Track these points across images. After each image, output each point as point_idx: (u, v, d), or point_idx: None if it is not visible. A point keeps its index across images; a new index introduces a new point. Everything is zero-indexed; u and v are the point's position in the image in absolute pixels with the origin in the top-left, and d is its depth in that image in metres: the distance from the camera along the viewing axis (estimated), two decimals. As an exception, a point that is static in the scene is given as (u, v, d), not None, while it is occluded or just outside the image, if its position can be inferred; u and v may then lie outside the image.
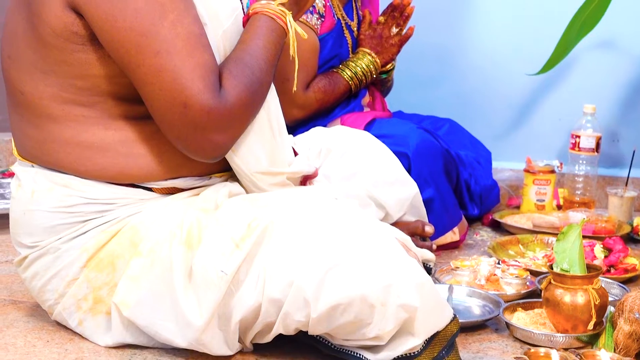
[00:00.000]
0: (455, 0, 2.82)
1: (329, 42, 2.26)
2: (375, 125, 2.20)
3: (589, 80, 2.72)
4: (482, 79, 2.82)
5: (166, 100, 1.26)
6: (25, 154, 1.41)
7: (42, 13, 1.29)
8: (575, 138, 2.55)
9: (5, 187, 2.46)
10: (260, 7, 1.40)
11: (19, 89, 1.36)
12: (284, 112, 1.49)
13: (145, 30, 1.24)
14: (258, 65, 1.35)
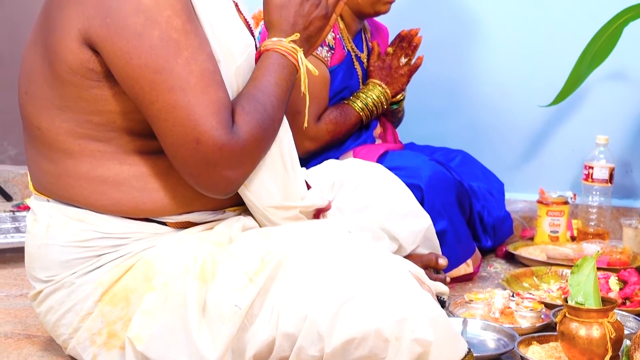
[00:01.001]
0: (466, 31, 2.83)
1: (340, 74, 2.28)
2: (388, 158, 2.20)
3: (601, 111, 2.72)
4: (494, 110, 2.82)
5: (179, 136, 1.27)
6: (41, 189, 1.43)
7: (59, 50, 1.31)
8: (588, 169, 2.55)
9: (20, 220, 2.47)
10: (272, 44, 1.42)
11: (35, 124, 1.38)
12: (296, 145, 1.50)
13: (160, 67, 1.26)
14: (270, 102, 1.36)
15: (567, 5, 2.72)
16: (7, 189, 3.11)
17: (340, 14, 2.25)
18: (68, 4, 1.29)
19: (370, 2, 2.25)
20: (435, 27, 2.75)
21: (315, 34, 1.48)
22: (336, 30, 2.26)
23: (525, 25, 2.77)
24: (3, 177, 3.14)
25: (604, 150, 2.55)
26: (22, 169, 3.16)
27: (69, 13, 1.29)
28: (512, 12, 2.78)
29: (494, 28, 2.80)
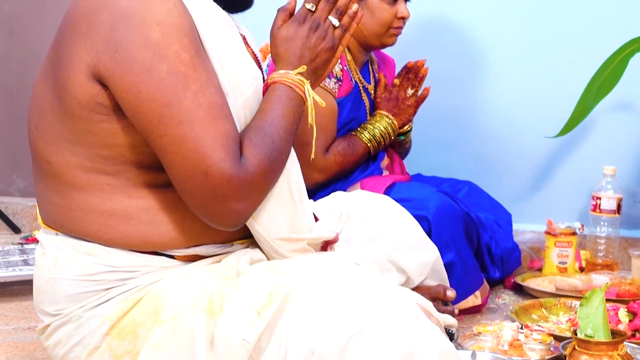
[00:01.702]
0: (472, 63, 2.85)
1: (347, 105, 2.29)
2: (395, 189, 2.21)
3: (608, 141, 2.73)
4: (500, 141, 2.83)
5: (188, 169, 1.28)
6: (49, 222, 1.43)
7: (68, 85, 1.32)
8: (596, 200, 2.55)
9: (28, 252, 2.48)
10: (279, 76, 1.43)
11: (45, 158, 1.39)
12: (304, 176, 1.51)
13: (168, 100, 1.27)
14: (278, 134, 1.37)
15: (573, 37, 2.73)
16: (16, 221, 3.12)
17: (347, 46, 2.28)
18: (77, 39, 1.31)
19: (377, 34, 2.27)
20: (442, 59, 2.77)
21: (322, 66, 1.49)
22: (343, 62, 2.28)
23: (531, 56, 2.78)
24: (12, 209, 3.16)
25: (611, 180, 2.55)
26: (30, 201, 3.17)
27: (78, 48, 1.30)
28: (518, 44, 2.79)
29: (500, 59, 2.82)
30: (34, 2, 3.15)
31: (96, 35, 1.29)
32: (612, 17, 2.69)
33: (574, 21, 2.73)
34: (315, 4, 1.48)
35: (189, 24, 1.30)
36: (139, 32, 1.27)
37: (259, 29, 1.77)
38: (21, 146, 3.14)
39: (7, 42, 3.19)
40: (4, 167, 3.27)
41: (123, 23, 1.27)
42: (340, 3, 1.49)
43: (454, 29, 2.85)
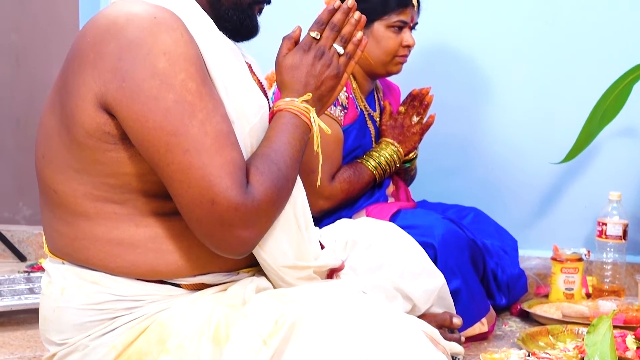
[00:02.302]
0: (477, 90, 2.86)
1: (352, 133, 2.30)
2: (401, 216, 2.21)
3: (613, 167, 2.73)
4: (505, 167, 2.83)
5: (194, 197, 1.28)
6: (56, 251, 1.43)
7: (76, 114, 1.33)
8: (601, 225, 2.54)
9: (34, 281, 2.48)
10: (285, 104, 1.44)
11: (52, 187, 1.39)
12: (310, 204, 1.51)
13: (175, 129, 1.27)
14: (284, 161, 1.37)
15: (577, 63, 2.74)
16: (22, 249, 3.12)
17: (352, 73, 2.30)
18: (85, 69, 1.32)
19: (382, 62, 2.29)
20: (447, 86, 2.78)
21: (327, 93, 1.49)
22: (349, 90, 2.29)
23: (536, 84, 2.79)
24: (17, 237, 3.16)
25: (616, 206, 2.54)
26: (36, 229, 3.18)
27: (85, 78, 1.31)
28: (522, 71, 2.80)
29: (504, 86, 2.83)
30: (40, 32, 3.17)
31: (103, 64, 1.30)
32: (615, 44, 2.70)
33: (578, 48, 2.74)
34: (320, 32, 1.49)
35: (195, 53, 1.31)
36: (146, 61, 1.27)
37: (265, 57, 1.78)
38: (27, 174, 3.15)
39: (13, 70, 3.22)
40: (10, 195, 3.28)
41: (130, 53, 1.28)
42: (344, 31, 1.50)
43: (458, 56, 2.87)
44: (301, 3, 2.66)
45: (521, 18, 2.80)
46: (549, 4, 2.77)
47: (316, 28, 1.49)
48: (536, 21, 2.78)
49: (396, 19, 2.26)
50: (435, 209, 2.46)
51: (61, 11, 3.14)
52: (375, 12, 2.25)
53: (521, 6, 2.80)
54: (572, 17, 2.75)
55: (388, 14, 2.26)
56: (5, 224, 3.25)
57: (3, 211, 3.29)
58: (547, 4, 2.77)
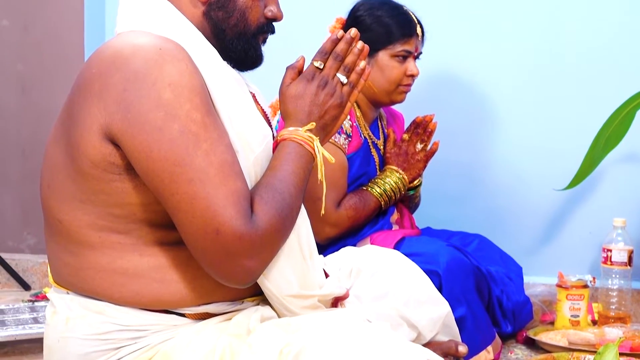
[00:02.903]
0: (480, 117, 2.87)
1: (357, 160, 2.31)
2: (405, 244, 2.21)
3: (617, 193, 2.73)
4: (509, 194, 2.83)
5: (199, 227, 1.28)
6: (60, 281, 1.44)
7: (81, 145, 1.34)
8: (606, 252, 2.54)
9: (38, 310, 2.47)
10: (289, 133, 1.44)
11: (57, 217, 1.40)
12: (317, 231, 1.51)
13: (180, 159, 1.28)
14: (288, 191, 1.38)
15: (580, 90, 2.75)
16: (26, 278, 3.12)
17: (356, 102, 2.31)
18: (90, 100, 1.33)
19: (386, 91, 2.30)
20: (450, 114, 2.79)
21: (331, 122, 1.50)
22: (353, 118, 2.30)
23: (539, 111, 2.80)
24: (22, 266, 3.16)
25: (621, 232, 2.54)
26: (40, 257, 3.18)
27: (90, 109, 1.32)
28: (525, 98, 2.82)
29: (508, 113, 2.84)
30: (46, 62, 3.20)
31: (109, 95, 1.31)
32: (617, 72, 2.72)
33: (581, 75, 2.75)
34: (323, 61, 1.49)
35: (200, 83, 1.32)
36: (151, 92, 1.28)
37: (269, 85, 1.79)
38: (32, 203, 3.15)
39: (19, 99, 3.23)
40: (15, 224, 3.28)
41: (135, 84, 1.29)
42: (348, 60, 1.51)
43: (462, 83, 2.88)
44: (304, 32, 2.68)
45: (524, 46, 2.81)
46: (552, 31, 2.78)
47: (319, 58, 1.50)
48: (539, 49, 2.80)
49: (400, 49, 2.28)
50: (440, 236, 2.46)
51: (66, 42, 3.16)
52: (380, 42, 2.26)
53: (524, 34, 2.81)
54: (575, 44, 2.76)
55: (392, 43, 2.27)
56: (9, 252, 3.25)
57: (8, 240, 3.29)
58: (550, 31, 2.79)
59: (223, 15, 1.47)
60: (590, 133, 2.47)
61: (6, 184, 3.27)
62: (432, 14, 2.53)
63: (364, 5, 2.32)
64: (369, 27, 2.27)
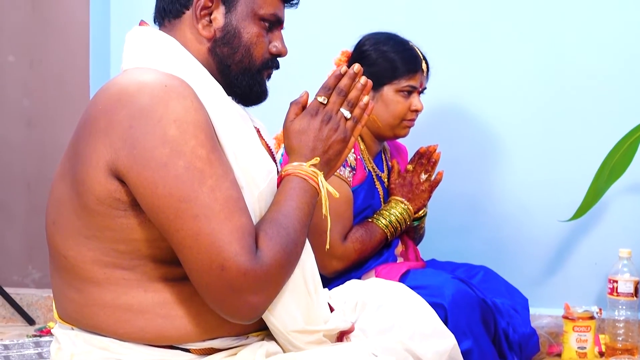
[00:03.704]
0: (484, 148, 2.88)
1: (361, 193, 2.32)
2: (410, 276, 2.21)
3: (622, 224, 2.72)
4: (515, 225, 2.83)
5: (204, 263, 1.28)
6: (65, 317, 1.44)
7: (87, 181, 1.34)
8: (612, 283, 2.53)
9: (43, 345, 2.46)
10: (293, 168, 1.45)
11: (62, 253, 1.40)
12: (323, 265, 1.52)
13: (185, 195, 1.29)
14: (293, 226, 1.38)
15: (583, 121, 2.77)
16: (30, 313, 3.12)
17: (360, 135, 2.32)
18: (96, 136, 1.34)
19: (390, 125, 2.31)
20: (454, 145, 2.80)
21: (335, 157, 1.51)
22: (357, 151, 2.31)
23: (542, 142, 2.81)
24: (26, 300, 3.16)
25: (627, 263, 2.53)
26: (45, 292, 3.17)
27: (96, 145, 1.33)
28: (529, 129, 2.83)
29: (511, 144, 2.85)
30: (51, 97, 3.22)
31: (114, 132, 1.32)
32: (620, 103, 2.73)
33: (584, 106, 2.77)
34: (327, 96, 1.50)
35: (205, 120, 1.33)
36: (157, 129, 1.29)
37: (273, 120, 1.80)
38: (37, 237, 3.16)
39: (25, 134, 3.25)
40: (20, 259, 3.29)
41: (141, 120, 1.30)
42: (351, 95, 1.52)
43: (465, 115, 2.90)
44: (309, 67, 2.70)
45: (527, 78, 2.83)
46: (554, 64, 2.80)
47: (323, 93, 1.51)
48: (542, 81, 2.81)
49: (405, 84, 2.29)
50: (445, 268, 2.45)
51: (72, 78, 3.19)
52: (385, 77, 2.28)
53: (527, 67, 2.83)
54: (578, 76, 2.78)
55: (397, 78, 2.29)
56: (14, 287, 3.25)
57: (12, 274, 3.29)
58: (553, 64, 2.80)
59: (228, 51, 1.48)
60: (594, 164, 2.47)
61: (11, 218, 3.28)
62: (437, 47, 2.55)
63: (369, 39, 2.34)
64: (374, 61, 2.29)
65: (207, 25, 1.48)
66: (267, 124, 1.64)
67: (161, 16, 1.52)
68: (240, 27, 1.48)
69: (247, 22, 1.49)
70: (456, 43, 2.88)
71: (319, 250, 1.50)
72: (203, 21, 1.47)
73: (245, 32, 1.48)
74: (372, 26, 2.40)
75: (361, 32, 2.38)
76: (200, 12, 1.47)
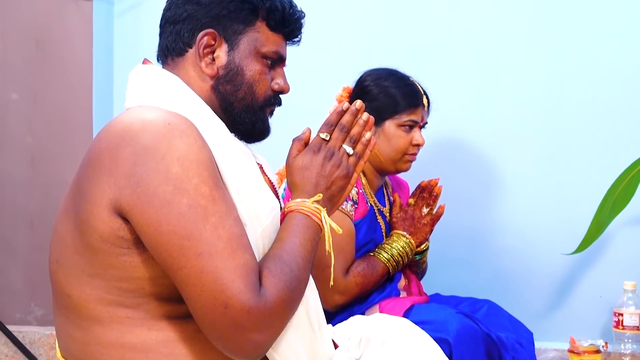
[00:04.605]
0: (485, 181, 2.88)
1: (363, 227, 2.32)
2: (414, 311, 2.20)
3: (626, 256, 2.72)
4: (517, 258, 2.82)
5: (207, 301, 1.28)
6: (68, 356, 1.43)
7: (90, 219, 1.35)
8: (618, 316, 2.52)
9: (45, 384, 2.45)
10: (296, 205, 1.45)
11: (66, 292, 1.40)
12: (326, 299, 1.51)
13: (188, 233, 1.29)
14: (296, 263, 1.38)
15: (585, 154, 2.77)
16: (33, 351, 3.10)
17: (362, 170, 2.32)
18: (100, 174, 1.34)
19: (392, 160, 2.32)
20: (456, 178, 2.80)
21: (338, 193, 1.51)
22: (359, 186, 2.32)
23: (544, 174, 2.81)
24: (29, 338, 3.14)
25: (632, 296, 2.52)
26: (48, 329, 3.16)
27: (100, 183, 1.33)
28: (531, 162, 2.83)
29: (513, 177, 2.85)
30: (55, 135, 3.23)
31: (118, 170, 1.32)
32: (622, 135, 2.74)
33: (586, 138, 2.77)
34: (329, 133, 1.51)
35: (208, 157, 1.34)
36: (160, 167, 1.30)
37: (275, 156, 1.81)
38: (40, 275, 3.15)
39: (28, 171, 3.26)
40: (23, 296, 3.28)
41: (144, 158, 1.31)
42: (353, 132, 1.52)
43: (466, 148, 2.90)
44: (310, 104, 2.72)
45: (528, 111, 2.84)
46: (555, 97, 2.82)
47: (325, 129, 1.51)
48: (543, 114, 2.82)
49: (407, 119, 2.31)
50: (449, 302, 2.44)
51: (75, 115, 3.21)
52: (387, 112, 2.30)
53: (528, 100, 2.84)
54: (579, 110, 2.79)
55: (399, 113, 2.30)
56: (16, 324, 3.23)
57: (15, 312, 3.28)
58: (554, 97, 2.82)
59: (231, 88, 1.49)
60: (596, 196, 2.47)
61: (14, 255, 3.28)
62: (438, 81, 2.56)
63: (370, 75, 2.36)
64: (375, 97, 2.31)
65: (210, 63, 1.49)
66: (269, 160, 1.65)
67: (164, 54, 1.53)
68: (243, 64, 1.49)
69: (250, 60, 1.50)
70: (457, 77, 2.90)
71: (321, 285, 1.50)
72: (206, 59, 1.49)
73: (248, 69, 1.50)
74: (373, 62, 2.42)
75: (362, 68, 2.40)
76: (203, 51, 1.48)
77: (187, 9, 1.49)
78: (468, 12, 2.87)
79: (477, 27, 2.86)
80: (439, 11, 2.90)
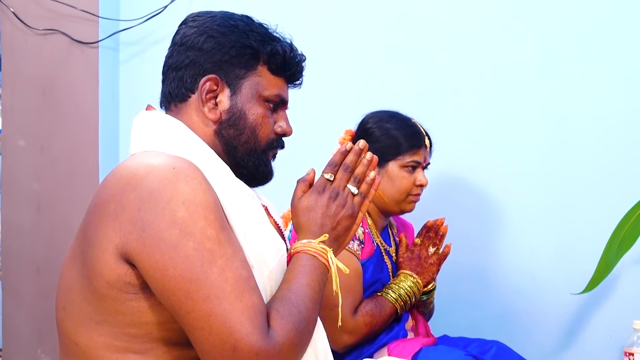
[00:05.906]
0: (491, 220, 2.87)
1: (370, 267, 2.31)
2: (422, 354, 2.18)
3: (635, 295, 2.69)
4: (526, 298, 2.80)
5: (216, 344, 1.27)
6: (76, 404, 1.42)
7: (96, 266, 1.35)
8: (628, 356, 2.49)
9: None
10: (302, 246, 1.46)
11: (73, 339, 1.39)
12: (334, 340, 1.50)
13: (195, 277, 1.29)
14: (304, 304, 1.37)
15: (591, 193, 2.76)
16: (39, 399, 3.08)
17: (367, 210, 2.33)
18: (106, 220, 1.34)
19: (396, 200, 2.33)
20: (461, 218, 2.80)
21: (343, 233, 1.52)
22: (365, 225, 2.32)
23: (550, 213, 2.80)
24: (35, 386, 3.13)
25: (642, 335, 2.50)
26: (54, 376, 3.15)
27: (106, 230, 1.34)
28: (536, 202, 2.82)
29: (519, 216, 2.84)
30: (61, 182, 3.25)
31: (124, 216, 1.32)
32: (628, 173, 2.73)
33: (591, 177, 2.77)
34: (333, 173, 1.52)
35: (213, 200, 1.34)
36: (166, 211, 1.30)
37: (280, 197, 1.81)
38: (46, 321, 3.15)
39: (34, 217, 3.27)
40: (30, 343, 3.26)
41: (150, 203, 1.31)
42: (358, 171, 1.53)
43: (471, 188, 2.90)
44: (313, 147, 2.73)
45: (533, 149, 2.84)
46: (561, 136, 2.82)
47: (330, 170, 1.52)
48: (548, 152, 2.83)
49: (409, 160, 2.32)
50: (457, 344, 2.42)
51: (81, 162, 3.23)
52: (389, 153, 2.31)
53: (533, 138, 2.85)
54: (584, 148, 2.79)
55: (401, 154, 2.32)
56: (23, 372, 3.22)
57: (22, 359, 3.26)
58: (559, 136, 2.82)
59: (234, 133, 1.51)
60: (603, 235, 2.46)
61: (20, 301, 3.27)
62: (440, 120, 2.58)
63: (372, 117, 2.38)
64: (378, 138, 2.32)
65: (213, 108, 1.50)
66: (274, 202, 1.65)
67: (167, 100, 1.55)
68: (245, 108, 1.51)
69: (252, 104, 1.52)
70: (461, 117, 2.91)
71: (328, 325, 1.50)
72: (209, 104, 1.50)
73: (251, 113, 1.51)
74: (375, 104, 2.44)
75: (364, 110, 2.42)
76: (206, 96, 1.50)
77: (189, 55, 1.51)
78: (472, 54, 2.90)
79: (481, 68, 2.88)
80: (441, 53, 2.93)
